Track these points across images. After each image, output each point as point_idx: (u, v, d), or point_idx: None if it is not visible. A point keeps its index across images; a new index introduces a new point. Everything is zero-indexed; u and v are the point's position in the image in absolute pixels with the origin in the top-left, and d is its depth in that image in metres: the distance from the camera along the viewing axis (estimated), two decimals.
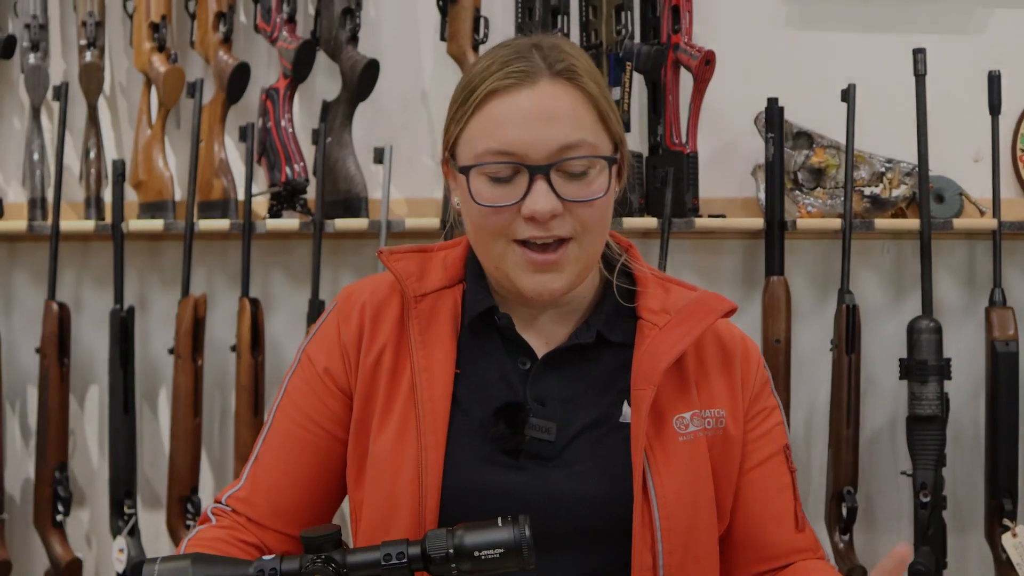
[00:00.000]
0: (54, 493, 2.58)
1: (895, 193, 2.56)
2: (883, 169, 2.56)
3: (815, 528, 2.55)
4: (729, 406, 1.42)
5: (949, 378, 2.44)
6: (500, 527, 1.17)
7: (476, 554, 1.17)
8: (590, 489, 1.35)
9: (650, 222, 2.50)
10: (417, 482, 1.33)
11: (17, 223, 2.66)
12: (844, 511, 2.45)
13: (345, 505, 1.47)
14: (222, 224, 2.59)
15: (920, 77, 2.47)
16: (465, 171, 1.33)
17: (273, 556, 1.19)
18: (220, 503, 1.44)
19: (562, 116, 1.31)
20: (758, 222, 2.51)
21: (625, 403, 1.39)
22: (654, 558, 1.34)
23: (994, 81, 2.49)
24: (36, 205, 2.68)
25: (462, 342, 1.40)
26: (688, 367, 1.40)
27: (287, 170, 2.59)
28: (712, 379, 1.42)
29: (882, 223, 2.51)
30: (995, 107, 2.49)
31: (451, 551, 1.17)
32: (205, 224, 2.60)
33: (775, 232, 2.48)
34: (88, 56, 2.68)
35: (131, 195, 2.70)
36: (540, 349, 1.41)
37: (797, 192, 2.58)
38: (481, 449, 1.35)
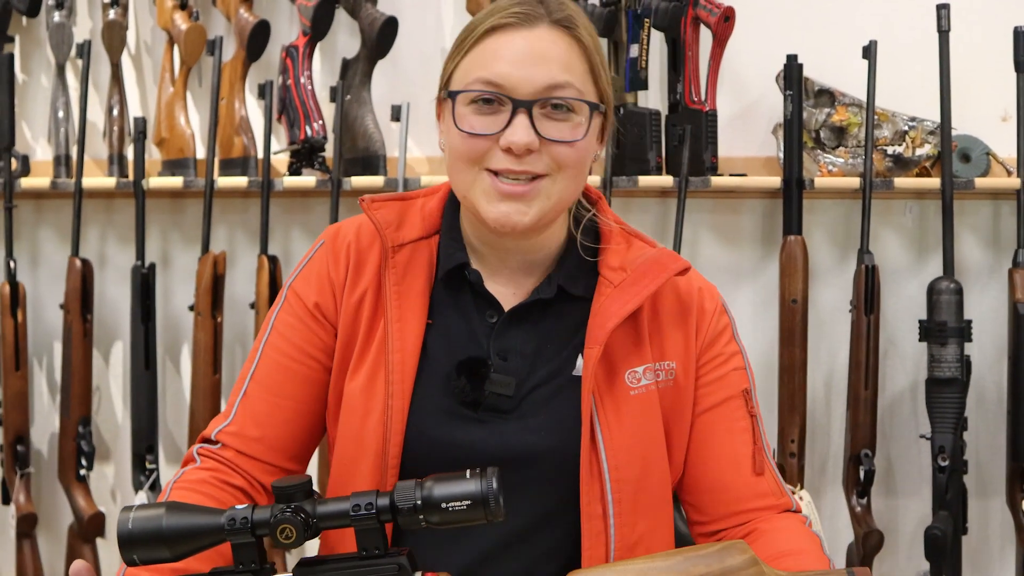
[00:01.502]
0: (77, 448, 2.62)
1: (919, 152, 2.52)
2: (906, 128, 2.51)
3: (832, 490, 2.56)
4: (682, 357, 1.44)
5: (970, 340, 2.40)
6: (468, 479, 1.17)
7: (444, 506, 1.17)
8: (540, 442, 1.38)
9: (666, 180, 2.48)
10: (383, 429, 1.38)
11: (42, 180, 2.69)
12: (861, 474, 2.42)
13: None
14: (240, 182, 2.60)
15: (944, 33, 2.42)
16: (453, 96, 1.36)
17: (245, 506, 1.20)
18: (208, 440, 1.46)
19: (553, 59, 1.35)
20: (775, 181, 2.48)
21: (580, 357, 1.41)
22: (604, 507, 1.37)
23: (1020, 37, 2.43)
24: (61, 162, 2.71)
25: (435, 293, 1.44)
26: (643, 321, 1.42)
27: (306, 128, 2.60)
28: (666, 332, 1.44)
29: (902, 182, 2.47)
30: (1021, 64, 2.44)
31: (419, 502, 1.17)
32: (224, 182, 2.61)
33: (793, 191, 2.45)
34: (111, 14, 2.70)
35: (156, 153, 2.73)
36: (508, 303, 1.44)
37: (819, 151, 2.55)
38: (444, 401, 1.40)
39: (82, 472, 2.62)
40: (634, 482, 1.38)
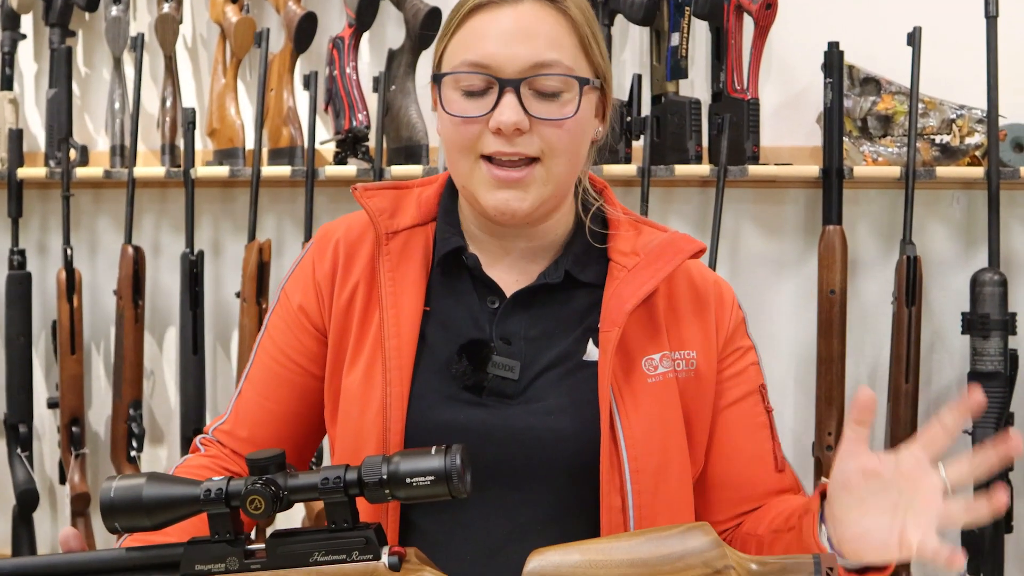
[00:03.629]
0: (128, 430, 2.70)
1: (968, 141, 2.46)
2: (954, 116, 2.46)
3: None
4: (702, 347, 1.40)
5: (1014, 333, 2.34)
6: (432, 455, 1.18)
7: (408, 481, 1.18)
8: (552, 425, 1.34)
9: (703, 169, 2.46)
10: (382, 418, 1.35)
11: (97, 169, 2.77)
12: None
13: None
14: (284, 171, 2.65)
15: (991, 19, 2.37)
16: (438, 79, 1.35)
17: (222, 477, 1.22)
18: (207, 435, 1.49)
19: (540, 35, 1.32)
20: (814, 170, 2.45)
21: (591, 341, 1.38)
22: (623, 499, 1.33)
23: None
24: (116, 152, 2.79)
25: (432, 280, 1.41)
26: (658, 308, 1.39)
27: (351, 118, 2.64)
28: (683, 321, 1.41)
29: (945, 171, 2.42)
30: None
31: (384, 477, 1.18)
32: (268, 171, 2.66)
33: (833, 180, 2.41)
34: (165, 8, 2.77)
35: (210, 143, 2.79)
36: (509, 288, 1.40)
37: (864, 140, 2.51)
38: (445, 386, 1.37)
39: (132, 454, 2.70)
40: (654, 473, 1.34)
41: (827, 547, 1.22)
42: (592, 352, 1.37)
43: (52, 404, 2.80)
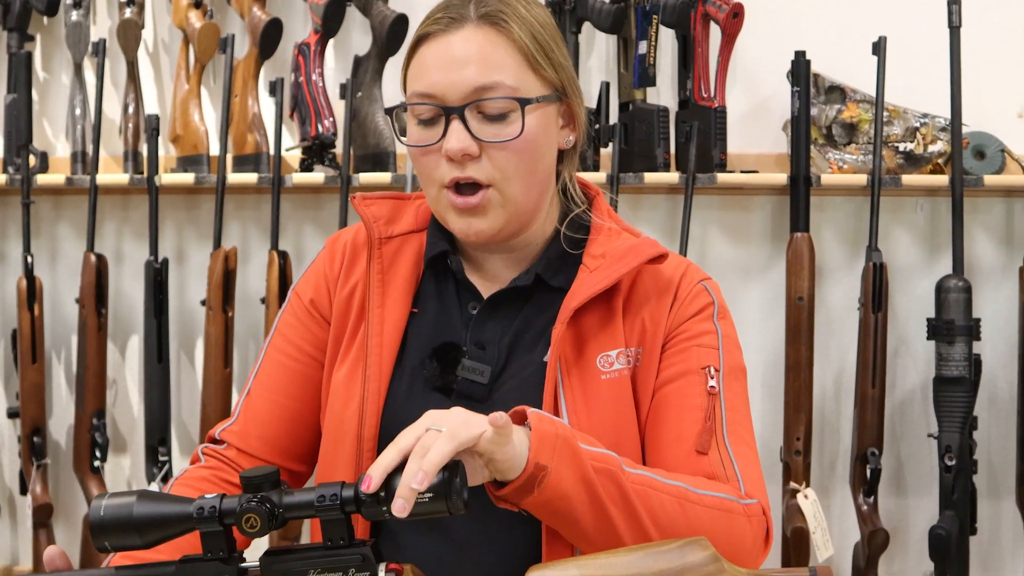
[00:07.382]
0: (92, 439, 2.66)
1: (931, 149, 2.49)
2: (917, 124, 2.49)
3: (842, 489, 2.55)
4: (652, 336, 1.39)
5: (978, 339, 2.38)
6: None
7: None
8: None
9: (672, 177, 2.48)
10: (359, 413, 1.39)
11: (58, 176, 2.73)
12: (868, 473, 2.41)
13: None
14: (251, 178, 2.63)
15: (955, 29, 2.40)
16: (389, 112, 1.41)
17: (215, 495, 1.21)
18: (213, 439, 1.50)
19: (479, 59, 1.34)
20: (782, 178, 2.47)
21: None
22: None
23: None
24: (77, 159, 2.75)
25: (423, 284, 1.46)
26: (617, 306, 1.40)
27: (317, 125, 2.62)
28: (643, 315, 1.40)
29: (910, 179, 2.45)
30: None
31: (382, 494, 1.18)
32: (234, 178, 2.64)
33: (800, 188, 2.44)
34: (127, 13, 2.73)
35: (172, 149, 2.76)
36: (487, 293, 1.44)
37: (829, 148, 2.53)
38: (418, 387, 1.41)
39: (96, 464, 2.66)
40: None
41: None
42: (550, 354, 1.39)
43: (12, 414, 2.75)
